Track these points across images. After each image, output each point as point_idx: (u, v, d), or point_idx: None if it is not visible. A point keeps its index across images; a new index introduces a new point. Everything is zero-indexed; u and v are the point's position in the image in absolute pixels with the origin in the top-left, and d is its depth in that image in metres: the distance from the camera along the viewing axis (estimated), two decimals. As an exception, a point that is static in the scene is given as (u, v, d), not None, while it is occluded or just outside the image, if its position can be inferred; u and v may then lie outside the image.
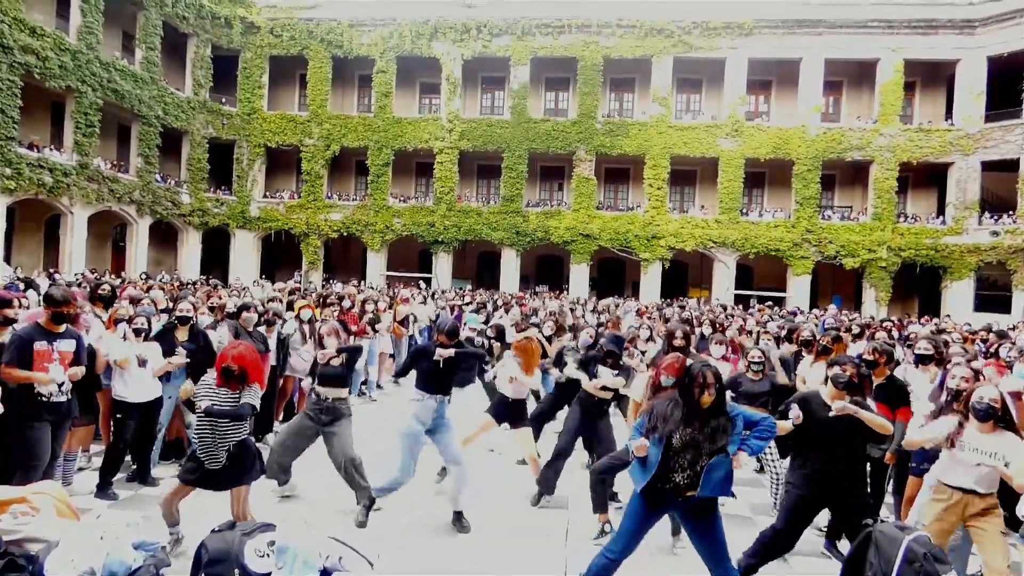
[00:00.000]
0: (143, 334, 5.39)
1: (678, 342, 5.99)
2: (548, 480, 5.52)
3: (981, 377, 4.62)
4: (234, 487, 4.03)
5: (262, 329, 6.91)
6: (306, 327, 7.59)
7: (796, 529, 4.06)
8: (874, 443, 4.93)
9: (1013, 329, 13.15)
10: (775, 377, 5.84)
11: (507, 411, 5.83)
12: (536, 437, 7.06)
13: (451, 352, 4.93)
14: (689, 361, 3.97)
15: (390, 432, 7.48)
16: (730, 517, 5.42)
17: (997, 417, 3.65)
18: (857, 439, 3.97)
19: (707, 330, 9.20)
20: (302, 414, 5.28)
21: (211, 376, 4.06)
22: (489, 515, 5.14)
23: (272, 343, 6.97)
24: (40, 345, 4.38)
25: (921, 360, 5.34)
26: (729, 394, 5.67)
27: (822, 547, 4.85)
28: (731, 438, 3.43)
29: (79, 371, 4.57)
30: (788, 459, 4.36)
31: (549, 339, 8.43)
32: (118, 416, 5.33)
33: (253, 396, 4.02)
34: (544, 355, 8.09)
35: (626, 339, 6.53)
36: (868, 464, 5.21)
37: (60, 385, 4.46)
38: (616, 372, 5.38)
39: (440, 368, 4.94)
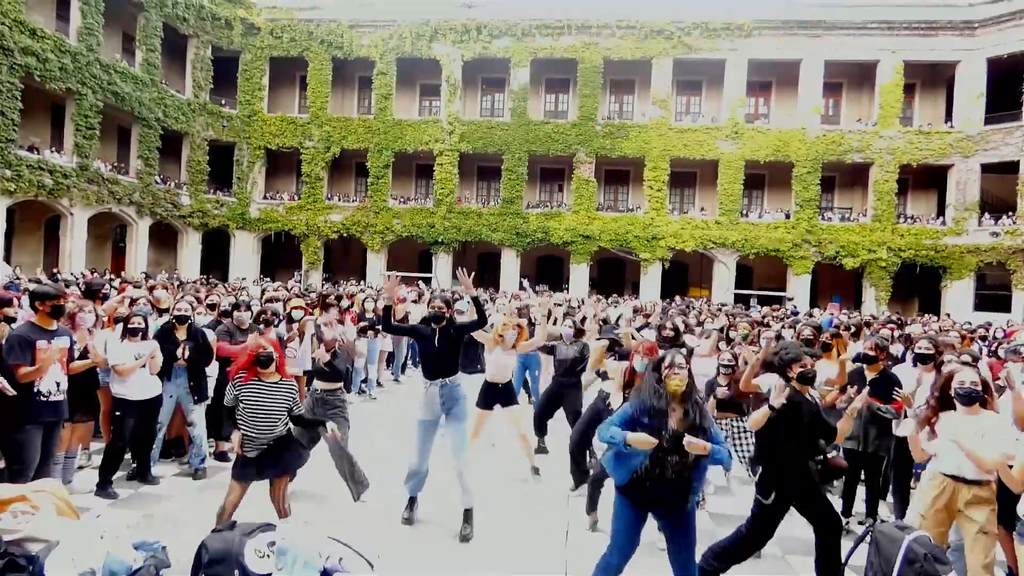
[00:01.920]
0: (140, 333, 5.38)
1: (667, 333, 6.08)
2: (581, 469, 5.73)
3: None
4: (279, 476, 4.24)
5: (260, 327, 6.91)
6: (294, 326, 7.57)
7: (762, 534, 4.01)
8: (877, 432, 5.09)
9: (1011, 326, 13.14)
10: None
11: (494, 395, 6.16)
12: (543, 431, 7.11)
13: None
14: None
15: (390, 430, 7.48)
16: (727, 517, 5.42)
17: (980, 399, 3.71)
18: (809, 440, 3.98)
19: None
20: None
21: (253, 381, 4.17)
22: (489, 515, 5.13)
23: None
24: (42, 344, 4.42)
25: (921, 359, 5.34)
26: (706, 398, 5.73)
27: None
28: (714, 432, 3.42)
29: (85, 364, 4.67)
30: None
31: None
32: (117, 414, 5.33)
33: (295, 403, 4.24)
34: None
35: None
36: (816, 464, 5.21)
37: (58, 384, 4.47)
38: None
39: (436, 351, 4.84)
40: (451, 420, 4.89)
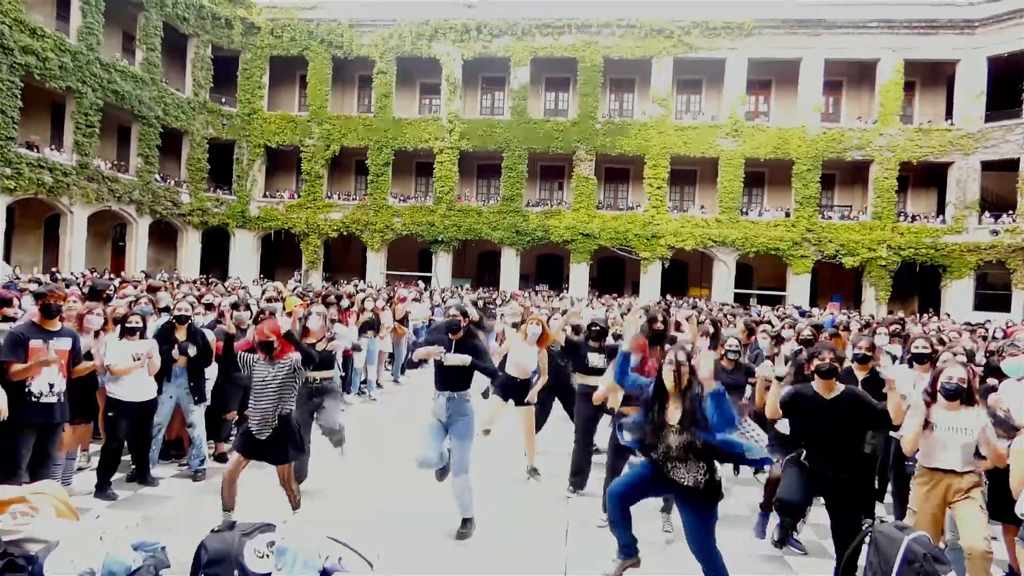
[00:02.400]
0: (138, 333, 5.37)
1: (658, 326, 6.08)
2: (582, 475, 5.77)
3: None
4: (280, 464, 4.50)
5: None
6: (296, 326, 7.55)
7: (804, 496, 4.06)
8: (873, 433, 4.97)
9: (1011, 326, 13.13)
10: (751, 368, 5.86)
11: (512, 389, 6.26)
12: (539, 427, 7.13)
13: (465, 359, 4.67)
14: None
15: (390, 431, 7.47)
16: (729, 517, 5.42)
17: (963, 395, 3.77)
18: (852, 432, 3.97)
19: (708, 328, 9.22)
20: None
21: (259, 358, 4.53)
22: (489, 515, 5.13)
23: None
24: (35, 343, 4.38)
25: (918, 359, 5.34)
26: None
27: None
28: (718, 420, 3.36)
29: (87, 367, 4.70)
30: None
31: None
32: (109, 415, 5.29)
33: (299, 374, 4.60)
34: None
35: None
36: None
37: (52, 386, 4.45)
38: (603, 354, 5.65)
39: (446, 365, 4.81)
40: (454, 436, 4.77)
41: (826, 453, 3.92)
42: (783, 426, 4.68)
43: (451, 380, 4.75)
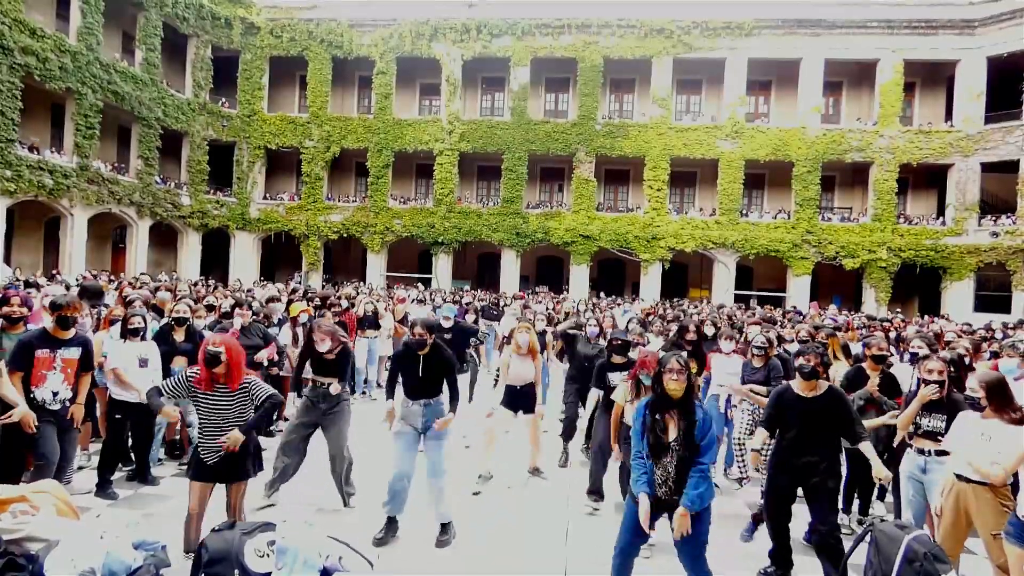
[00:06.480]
0: (140, 333, 5.37)
1: (690, 336, 6.06)
2: (601, 488, 5.52)
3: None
4: (234, 482, 3.99)
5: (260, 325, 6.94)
6: (300, 330, 7.55)
7: (778, 510, 4.24)
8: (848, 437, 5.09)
9: (1012, 328, 13.14)
10: (778, 367, 5.87)
11: (515, 398, 6.09)
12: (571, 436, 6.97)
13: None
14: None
15: (388, 431, 7.47)
16: (728, 517, 5.42)
17: (991, 403, 3.71)
18: (829, 429, 4.11)
19: (709, 330, 9.21)
20: (301, 404, 5.25)
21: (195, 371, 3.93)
22: (489, 515, 5.13)
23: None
24: (41, 352, 4.39)
25: (917, 360, 5.38)
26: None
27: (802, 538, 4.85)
28: (706, 442, 3.38)
29: (87, 380, 4.73)
30: None
31: (542, 333, 8.58)
32: (116, 417, 5.31)
33: (263, 391, 3.96)
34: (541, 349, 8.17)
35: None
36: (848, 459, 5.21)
37: (55, 394, 4.45)
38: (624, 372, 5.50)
39: (420, 380, 4.69)
40: (431, 438, 4.68)
41: (805, 449, 4.06)
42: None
43: (424, 388, 4.70)
